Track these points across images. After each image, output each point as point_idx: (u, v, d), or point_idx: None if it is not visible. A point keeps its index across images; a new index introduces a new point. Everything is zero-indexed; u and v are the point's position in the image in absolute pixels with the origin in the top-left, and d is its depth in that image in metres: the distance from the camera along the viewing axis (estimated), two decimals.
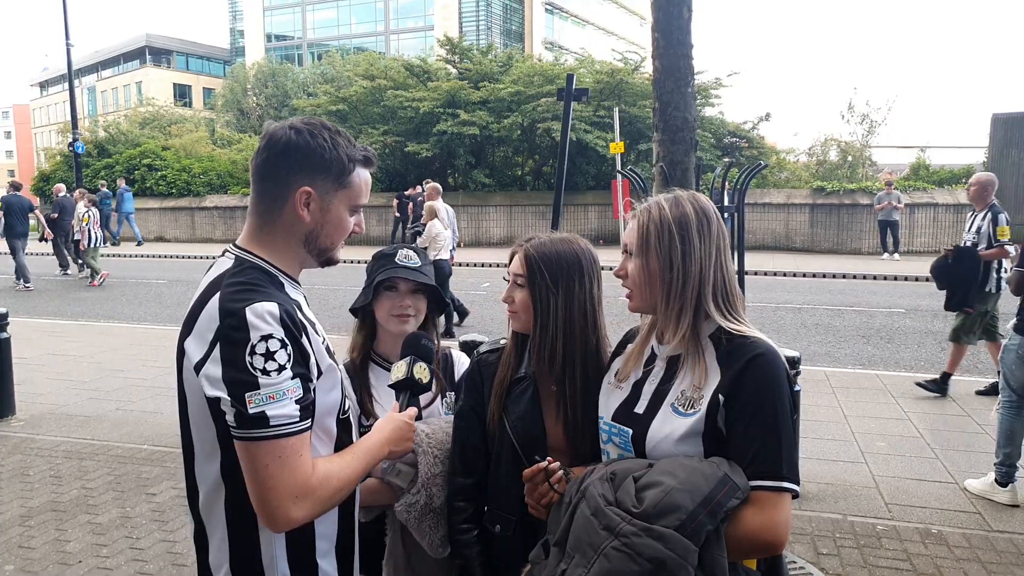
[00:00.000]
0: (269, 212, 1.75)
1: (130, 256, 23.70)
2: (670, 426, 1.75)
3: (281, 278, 1.76)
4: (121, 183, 27.27)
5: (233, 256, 1.76)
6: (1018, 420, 5.03)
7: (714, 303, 1.80)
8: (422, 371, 2.10)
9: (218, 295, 1.62)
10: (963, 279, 7.17)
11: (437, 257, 10.26)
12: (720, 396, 1.71)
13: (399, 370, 2.10)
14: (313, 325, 1.75)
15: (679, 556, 1.50)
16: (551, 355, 2.11)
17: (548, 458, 1.87)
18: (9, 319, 7.01)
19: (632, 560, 1.51)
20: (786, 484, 1.64)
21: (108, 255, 23.92)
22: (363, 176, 1.81)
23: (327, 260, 1.85)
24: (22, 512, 4.86)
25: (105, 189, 26.31)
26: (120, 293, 15.49)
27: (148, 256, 23.73)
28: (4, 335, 6.86)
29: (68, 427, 6.61)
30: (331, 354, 1.79)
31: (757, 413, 1.67)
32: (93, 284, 16.46)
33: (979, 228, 7.25)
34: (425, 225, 10.90)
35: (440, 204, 11.38)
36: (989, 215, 7.19)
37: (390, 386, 2.11)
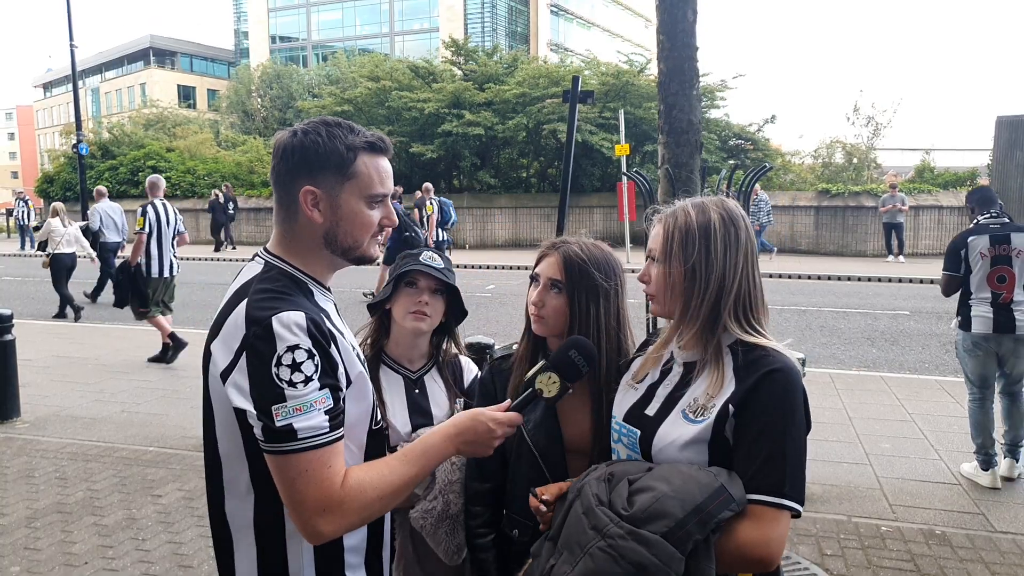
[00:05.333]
0: (287, 220, 1.72)
1: None
2: (677, 431, 1.74)
3: (311, 285, 1.72)
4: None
5: (263, 261, 1.73)
6: (982, 412, 5.38)
7: (735, 314, 1.78)
8: (548, 383, 1.82)
9: (245, 302, 1.59)
10: None
11: (56, 251, 12.22)
12: (731, 407, 1.69)
13: (530, 371, 1.88)
14: (342, 334, 1.70)
15: (662, 563, 1.49)
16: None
17: (543, 496, 1.82)
18: (13, 321, 7.03)
19: (615, 562, 1.51)
20: (786, 501, 1.61)
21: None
22: (372, 164, 1.70)
23: (357, 259, 1.77)
24: (28, 514, 4.87)
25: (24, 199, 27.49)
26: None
27: None
28: (8, 337, 6.88)
29: (73, 429, 6.62)
30: (362, 362, 1.75)
31: (766, 428, 1.64)
32: None
33: None
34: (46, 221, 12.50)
35: (104, 205, 13.32)
36: None
37: (523, 385, 1.85)
